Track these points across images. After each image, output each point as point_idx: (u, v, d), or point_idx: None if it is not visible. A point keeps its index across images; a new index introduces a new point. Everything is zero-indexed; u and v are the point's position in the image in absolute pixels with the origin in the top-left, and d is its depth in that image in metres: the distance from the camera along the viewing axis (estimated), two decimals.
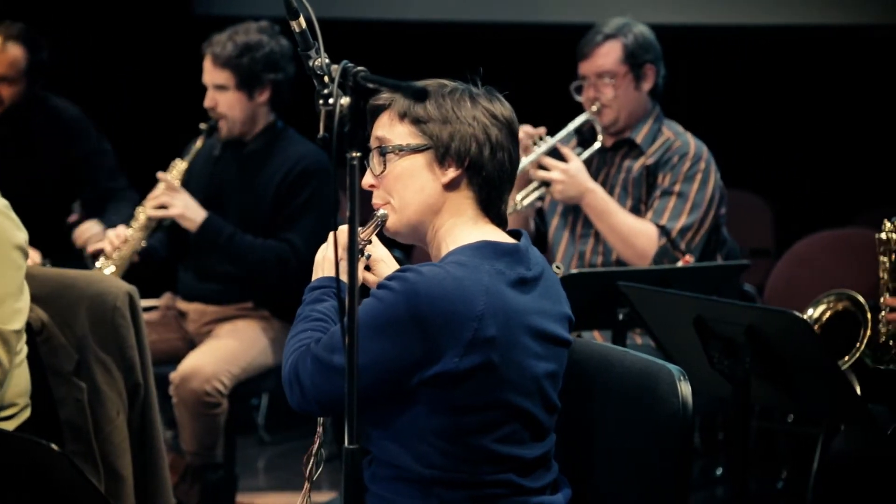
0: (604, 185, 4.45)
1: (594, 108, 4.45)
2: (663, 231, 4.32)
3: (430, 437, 2.50)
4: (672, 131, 4.49)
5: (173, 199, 4.54)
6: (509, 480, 2.53)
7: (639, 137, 4.47)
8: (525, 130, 4.37)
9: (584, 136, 4.54)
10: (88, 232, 4.87)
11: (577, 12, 6.86)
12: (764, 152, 7.06)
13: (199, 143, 4.68)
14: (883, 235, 3.65)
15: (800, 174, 7.15)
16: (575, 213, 4.49)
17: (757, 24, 6.78)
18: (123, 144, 7.07)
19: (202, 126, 4.67)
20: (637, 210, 4.43)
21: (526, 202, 4.41)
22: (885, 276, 3.64)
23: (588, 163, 4.46)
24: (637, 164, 4.46)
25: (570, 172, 4.33)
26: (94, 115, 5.43)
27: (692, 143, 4.45)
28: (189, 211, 4.54)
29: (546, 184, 4.36)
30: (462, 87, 2.62)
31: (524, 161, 4.34)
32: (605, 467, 2.70)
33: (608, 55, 4.44)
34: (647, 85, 4.48)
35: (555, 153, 4.39)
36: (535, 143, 4.39)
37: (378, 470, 2.56)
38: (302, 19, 2.46)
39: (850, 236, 5.47)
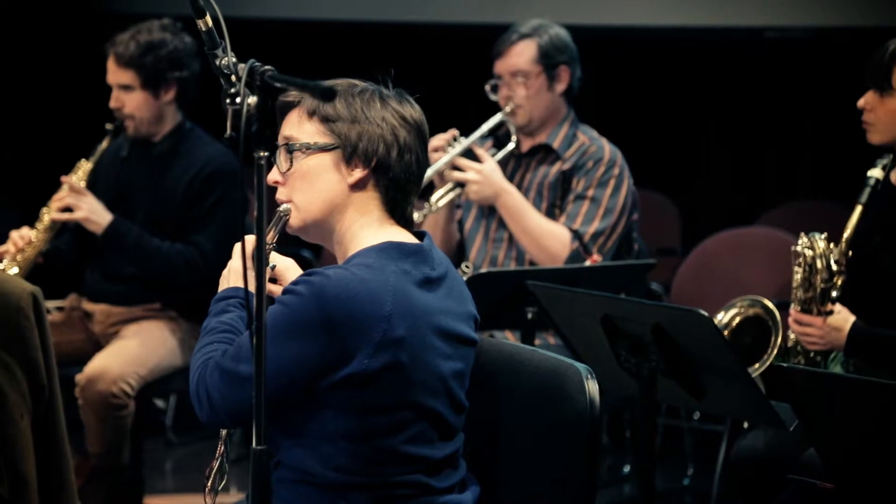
0: (519, 188, 4.46)
1: (508, 107, 4.47)
2: (576, 235, 4.34)
3: (338, 440, 2.49)
4: (587, 136, 4.51)
5: (78, 202, 4.48)
6: (417, 481, 2.53)
7: (555, 143, 4.49)
8: (442, 138, 4.39)
9: (499, 139, 4.55)
10: None
11: (496, 13, 6.89)
12: (670, 152, 7.14)
13: (104, 143, 4.62)
14: (798, 248, 3.67)
15: (705, 174, 7.24)
16: (489, 216, 4.50)
17: (661, 26, 6.84)
18: (26, 145, 6.99)
19: (108, 126, 4.62)
20: (551, 214, 4.44)
21: (441, 203, 4.42)
22: (798, 288, 3.66)
23: (504, 167, 4.47)
24: (553, 169, 4.48)
25: (485, 173, 4.34)
26: None
27: (607, 148, 4.47)
28: (94, 214, 4.49)
29: (461, 185, 4.37)
30: (372, 88, 2.61)
31: (439, 162, 4.35)
32: (513, 465, 2.71)
33: (522, 54, 4.45)
34: (560, 86, 4.50)
35: (469, 154, 4.40)
36: (449, 145, 4.40)
37: (284, 474, 2.55)
38: (208, 18, 2.44)
39: (754, 235, 5.55)
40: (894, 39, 3.57)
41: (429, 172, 4.35)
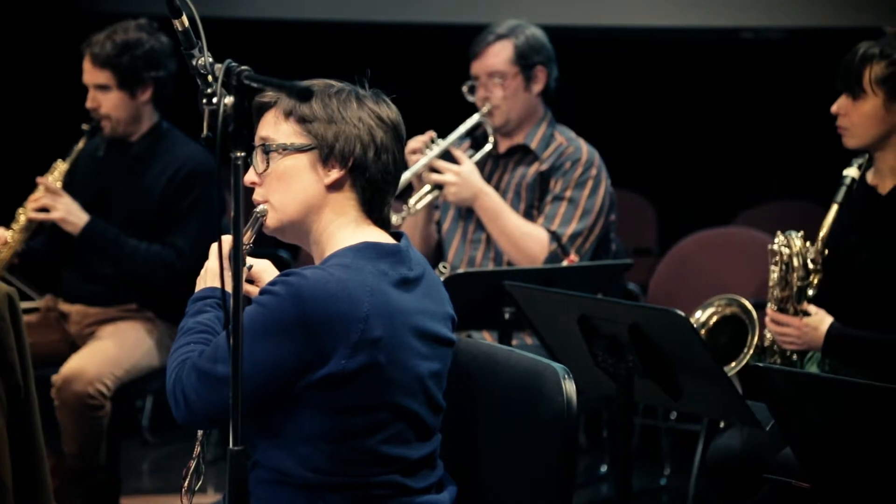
0: (497, 189, 4.46)
1: (485, 108, 4.47)
2: (554, 236, 4.34)
3: (316, 441, 2.49)
4: (565, 136, 4.52)
5: (55, 203, 4.47)
6: (394, 481, 2.53)
7: (533, 143, 4.49)
8: (417, 139, 4.39)
9: (477, 139, 4.55)
10: None
11: (472, 14, 6.89)
12: (647, 153, 7.15)
13: (80, 144, 4.61)
14: (774, 247, 3.68)
15: (682, 174, 7.26)
16: (467, 217, 4.50)
17: (637, 26, 6.86)
18: (2, 146, 6.96)
19: (84, 127, 4.61)
20: (529, 215, 4.45)
21: (419, 206, 4.42)
22: (775, 287, 3.67)
23: (481, 168, 4.47)
24: (531, 170, 4.48)
25: (463, 175, 4.35)
26: None
27: (584, 148, 4.48)
28: (71, 215, 4.47)
29: (439, 186, 4.37)
30: (349, 88, 2.61)
31: (417, 164, 4.35)
32: (490, 466, 2.71)
33: (498, 55, 4.45)
34: (537, 87, 4.50)
35: (447, 156, 4.40)
36: (427, 147, 4.39)
37: (262, 475, 2.54)
38: (185, 18, 2.43)
39: (731, 235, 5.56)
40: (863, 43, 3.59)
41: (407, 174, 4.35)
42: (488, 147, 4.51)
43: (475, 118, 4.49)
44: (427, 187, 4.40)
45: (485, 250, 4.47)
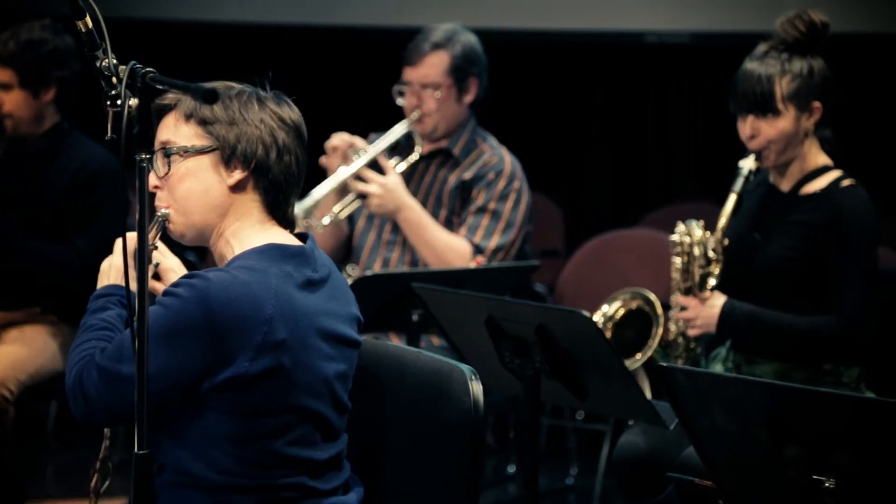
0: (416, 192, 4.46)
1: (415, 115, 4.46)
2: (477, 249, 4.35)
3: (222, 443, 2.48)
4: (488, 144, 4.53)
5: None
6: (301, 483, 2.53)
7: (456, 149, 4.50)
8: (342, 138, 4.36)
9: (401, 142, 4.53)
10: None
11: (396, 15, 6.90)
12: (552, 155, 7.19)
13: None
14: (675, 237, 3.76)
15: (588, 176, 7.31)
16: (382, 217, 4.49)
17: (540, 29, 6.90)
18: None
19: None
20: (450, 222, 4.45)
21: (343, 215, 4.41)
22: (677, 276, 3.75)
23: (403, 171, 4.47)
24: (453, 176, 4.49)
25: (388, 187, 4.32)
26: None
27: (507, 159, 4.49)
28: None
29: (363, 196, 4.35)
30: (249, 90, 2.61)
31: (345, 172, 4.32)
32: (398, 466, 2.72)
33: (434, 66, 4.44)
34: (469, 97, 4.51)
35: (374, 164, 4.38)
36: (356, 154, 4.36)
37: (168, 477, 2.53)
38: (88, 19, 2.41)
39: (635, 236, 5.63)
40: (752, 63, 3.63)
41: (333, 182, 4.33)
42: (414, 157, 4.50)
43: (404, 126, 4.47)
44: (351, 195, 4.38)
45: (400, 253, 4.47)
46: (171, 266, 2.68)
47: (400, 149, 4.53)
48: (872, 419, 2.25)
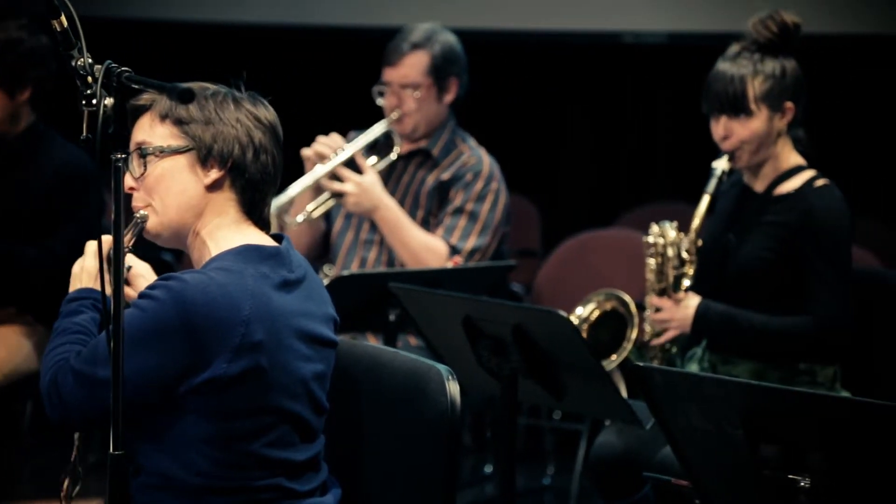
0: (394, 192, 4.45)
1: (394, 115, 4.45)
2: (454, 250, 4.35)
3: (199, 445, 2.48)
4: (467, 145, 4.52)
5: None
6: (279, 484, 2.53)
7: (435, 149, 4.49)
8: (321, 141, 4.35)
9: (380, 141, 4.52)
10: None
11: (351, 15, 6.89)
12: (529, 154, 7.19)
13: None
14: (650, 239, 3.77)
15: (565, 176, 7.32)
16: (360, 216, 4.48)
17: (518, 29, 6.90)
18: None
19: None
20: (427, 222, 4.45)
21: (317, 213, 4.39)
22: (652, 278, 3.77)
23: (382, 171, 4.46)
24: (431, 177, 4.48)
25: (364, 186, 4.31)
26: None
27: (486, 160, 4.49)
28: None
29: (339, 195, 4.33)
30: (225, 90, 2.61)
31: (322, 170, 4.31)
32: (375, 467, 2.72)
33: (414, 66, 4.43)
34: (449, 97, 4.50)
35: (351, 163, 4.37)
36: (334, 153, 4.35)
37: (145, 479, 2.52)
38: (63, 18, 2.40)
39: (612, 236, 5.64)
40: (724, 65, 3.64)
41: (308, 180, 4.31)
42: (393, 157, 4.49)
43: (384, 125, 4.46)
44: (326, 194, 4.36)
45: (378, 253, 4.46)
46: (140, 272, 2.68)
47: (379, 148, 4.52)
48: (847, 418, 2.26)
